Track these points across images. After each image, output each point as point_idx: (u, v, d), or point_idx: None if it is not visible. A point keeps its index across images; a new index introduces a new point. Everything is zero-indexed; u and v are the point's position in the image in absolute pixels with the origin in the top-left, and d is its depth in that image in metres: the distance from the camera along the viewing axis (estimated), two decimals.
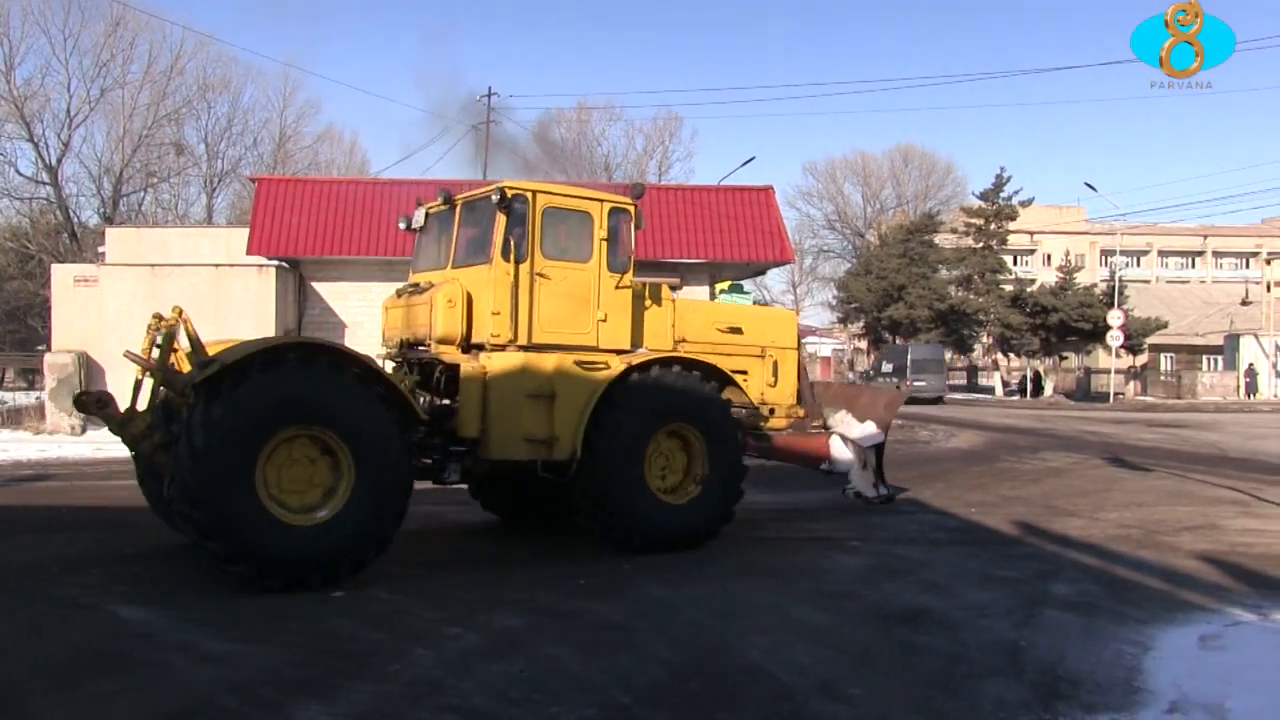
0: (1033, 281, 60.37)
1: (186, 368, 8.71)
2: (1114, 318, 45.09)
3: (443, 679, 6.06)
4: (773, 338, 11.82)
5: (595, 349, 10.06)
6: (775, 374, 11.66)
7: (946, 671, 6.34)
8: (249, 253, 23.70)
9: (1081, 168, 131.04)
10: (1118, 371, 49.42)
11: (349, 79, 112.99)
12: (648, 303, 10.89)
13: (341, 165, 64.03)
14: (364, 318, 24.36)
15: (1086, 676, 6.18)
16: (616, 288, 10.34)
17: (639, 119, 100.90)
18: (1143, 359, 56.00)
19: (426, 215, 11.31)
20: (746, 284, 73.30)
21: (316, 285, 24.48)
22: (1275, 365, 50.03)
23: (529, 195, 9.91)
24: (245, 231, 24.82)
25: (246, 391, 7.95)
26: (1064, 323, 50.21)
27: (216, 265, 23.48)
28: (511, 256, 9.60)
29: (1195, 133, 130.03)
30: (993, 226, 55.40)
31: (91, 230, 46.29)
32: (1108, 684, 6.05)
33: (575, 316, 10.06)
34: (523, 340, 9.67)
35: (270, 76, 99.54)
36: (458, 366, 9.56)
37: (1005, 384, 54.46)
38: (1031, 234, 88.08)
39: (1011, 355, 58.91)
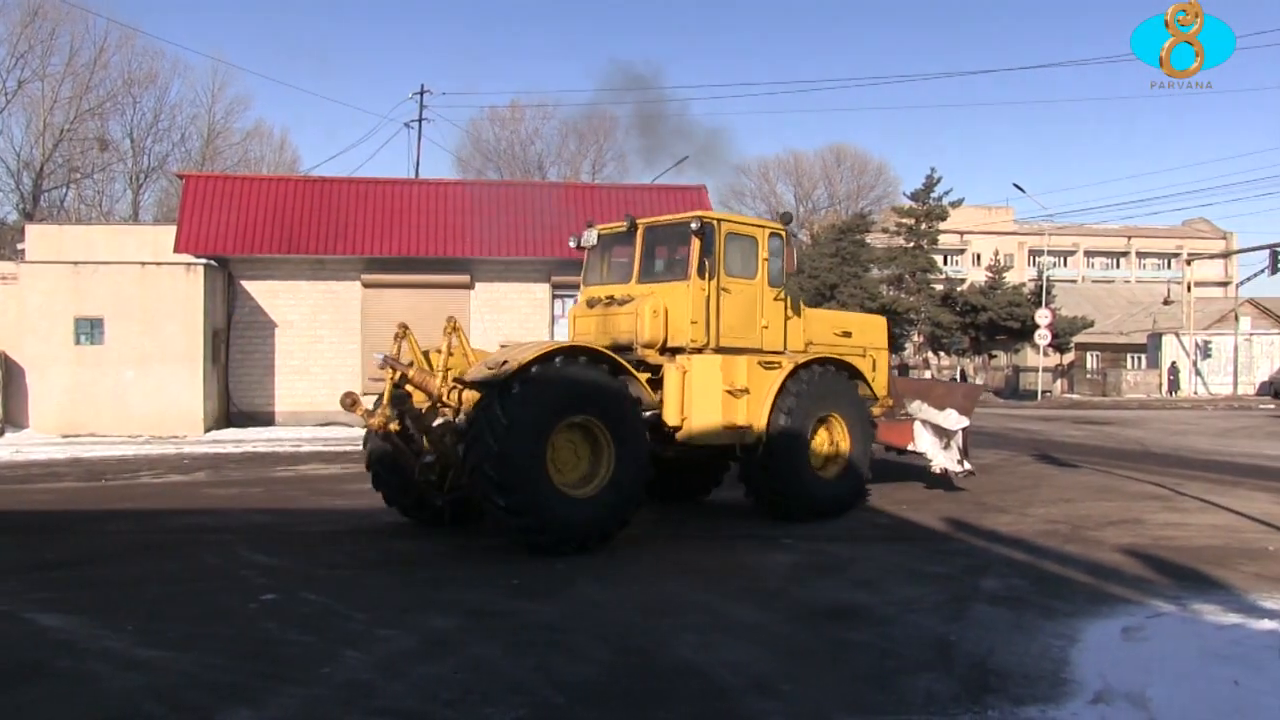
0: (963, 281, 61.07)
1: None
2: (1042, 316, 45.83)
3: (374, 681, 6.00)
4: (871, 339, 14.12)
5: (760, 351, 11.99)
6: (874, 369, 13.70)
7: (877, 666, 6.40)
8: (177, 251, 23.30)
9: (1011, 169, 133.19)
10: (1045, 369, 50.25)
11: (280, 75, 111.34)
12: (789, 312, 12.71)
13: (271, 162, 63.17)
14: (295, 316, 24.10)
15: (1015, 669, 6.27)
16: (774, 300, 12.39)
17: (573, 118, 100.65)
18: (1069, 357, 57.01)
19: (599, 236, 12.77)
20: None
21: (246, 284, 24.14)
22: (1195, 364, 51.23)
23: (715, 223, 11.78)
24: (173, 229, 24.41)
25: (536, 389, 9.64)
26: (993, 321, 50.95)
27: (143, 264, 23.02)
28: (706, 275, 11.48)
29: (1120, 136, 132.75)
30: (923, 226, 55.98)
31: (10, 227, 45.21)
32: (1035, 676, 6.14)
33: (747, 324, 12.02)
34: (713, 345, 11.55)
35: (198, 71, 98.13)
36: (660, 366, 11.38)
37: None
38: (961, 234, 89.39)
39: (942, 354, 59.64)
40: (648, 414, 10.87)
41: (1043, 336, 45.89)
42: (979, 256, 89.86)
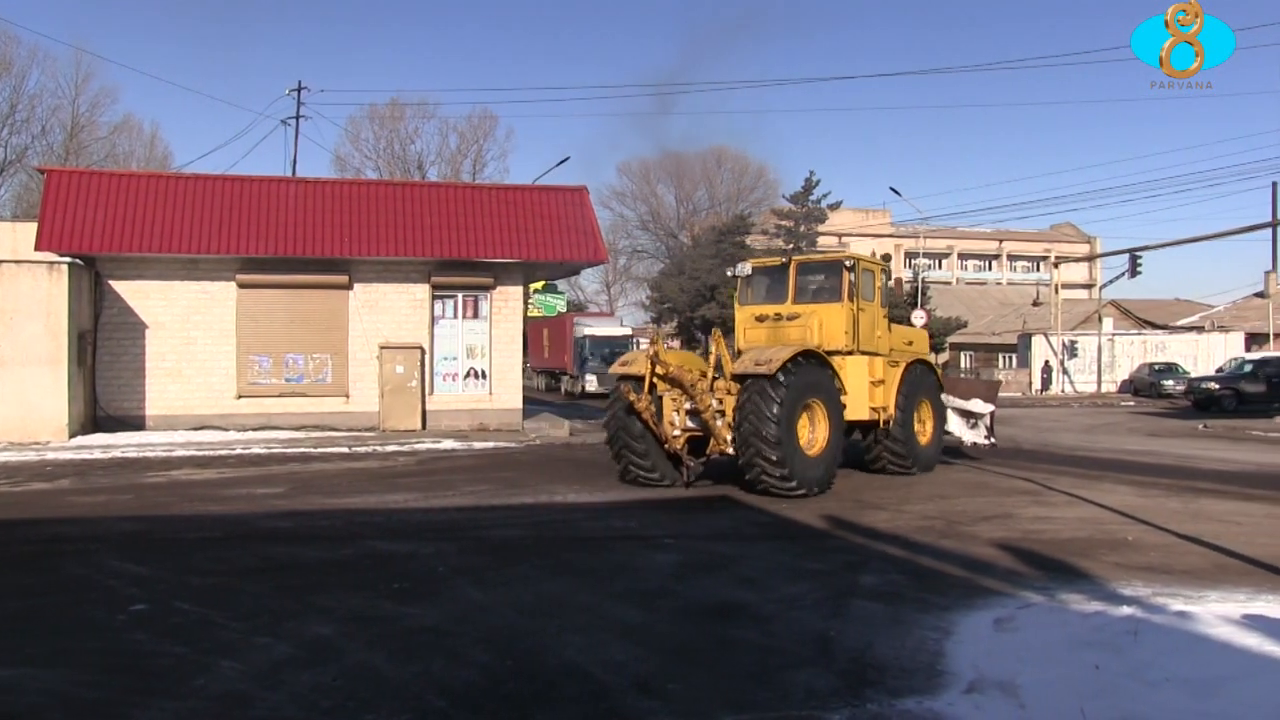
0: None
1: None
2: (917, 317, 46.82)
3: (250, 691, 5.85)
4: (921, 348, 18.71)
5: (876, 354, 16.37)
6: None
7: (760, 663, 6.47)
8: (38, 248, 22.29)
9: (888, 172, 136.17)
10: None
11: (150, 68, 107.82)
12: (887, 326, 17.14)
13: (141, 158, 61.12)
14: (167, 317, 23.34)
15: (892, 662, 6.41)
16: (882, 317, 16.97)
17: (453, 117, 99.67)
18: (944, 357, 58.44)
19: (753, 268, 17.04)
20: (560, 284, 73.16)
21: (115, 284, 23.25)
22: (1062, 363, 53.04)
23: (856, 262, 16.25)
24: (33, 226, 23.39)
25: (792, 380, 13.98)
26: None
27: (1, 261, 22.04)
28: (854, 299, 15.92)
29: (993, 141, 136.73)
30: (802, 228, 56.94)
31: None
32: (912, 669, 6.28)
33: (871, 334, 16.44)
34: (858, 349, 16.02)
35: (60, 61, 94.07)
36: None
37: None
38: (840, 236, 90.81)
39: None
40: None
41: None
42: None
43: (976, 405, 19.18)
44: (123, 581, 8.73)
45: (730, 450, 14.37)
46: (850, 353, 15.71)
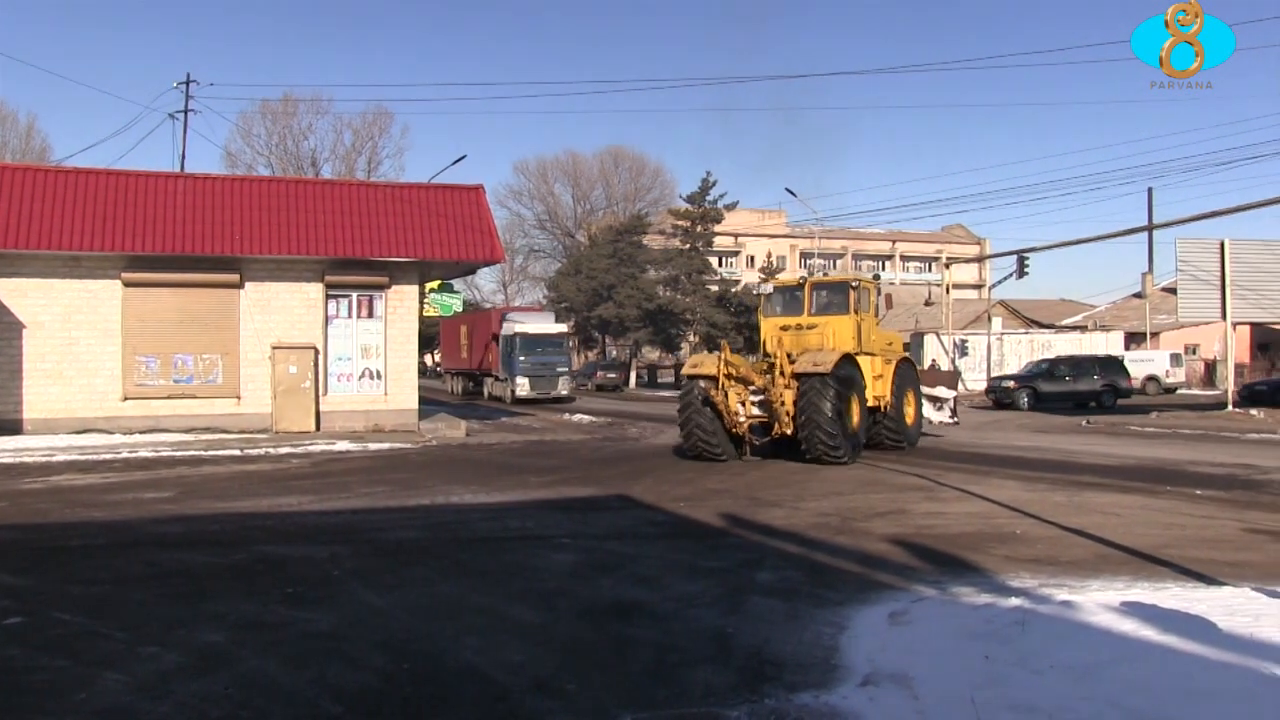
0: (737, 282, 62.77)
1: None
2: None
3: (136, 704, 5.65)
4: (898, 347, 22.51)
5: (874, 354, 20.38)
6: None
7: (658, 661, 6.48)
8: None
9: (784, 173, 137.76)
10: None
11: (25, 55, 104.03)
12: (878, 331, 21.24)
13: (17, 150, 59.01)
14: (47, 317, 22.60)
15: (789, 658, 6.47)
16: (876, 324, 21.20)
17: (348, 113, 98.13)
18: None
19: (774, 287, 22.03)
20: (457, 284, 72.57)
21: None
22: (954, 361, 54.23)
23: (859, 282, 20.82)
24: None
25: (839, 377, 18.01)
26: None
27: None
28: (857, 312, 20.09)
29: (887, 143, 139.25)
30: (699, 229, 57.28)
31: None
32: (808, 663, 6.35)
33: (869, 339, 20.44)
34: (862, 350, 19.92)
35: None
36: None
37: None
38: (736, 236, 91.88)
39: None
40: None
41: None
42: (753, 259, 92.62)
43: (942, 391, 23.73)
44: None
45: (789, 431, 18.48)
46: (858, 354, 19.64)
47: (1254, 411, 29.27)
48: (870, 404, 19.83)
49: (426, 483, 15.64)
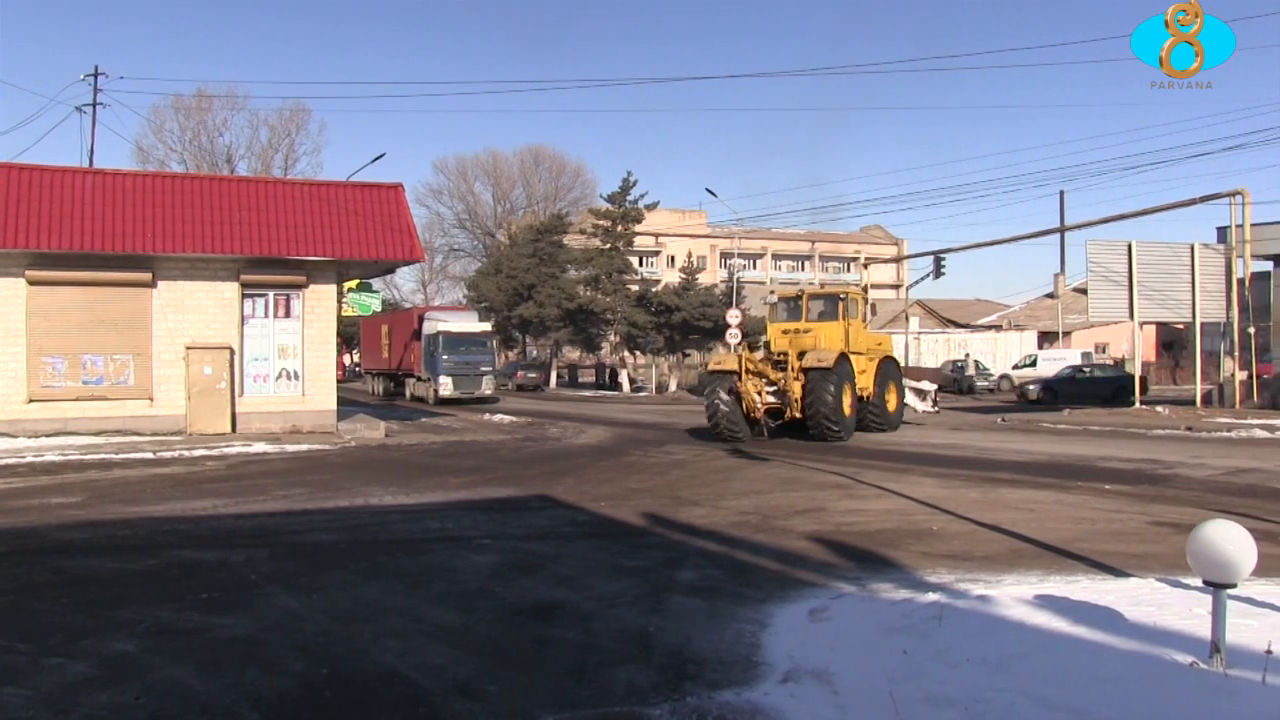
0: (658, 282, 62.85)
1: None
2: (732, 316, 47.82)
3: (38, 718, 5.49)
4: (886, 347, 27.48)
5: (860, 353, 24.72)
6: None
7: (580, 661, 6.48)
8: None
9: (704, 174, 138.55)
10: None
11: None
12: (864, 332, 25.90)
13: None
14: None
15: (711, 656, 6.50)
16: (863, 326, 25.87)
17: (264, 109, 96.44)
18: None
19: (779, 298, 26.55)
20: (375, 283, 71.68)
21: None
22: None
23: (847, 294, 25.70)
24: None
25: (841, 369, 22.90)
26: (687, 321, 52.81)
27: None
28: (845, 318, 24.98)
29: (806, 143, 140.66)
30: (620, 229, 57.24)
31: None
32: (730, 661, 6.39)
33: (856, 340, 24.92)
34: (849, 350, 24.16)
35: None
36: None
37: (632, 381, 56.39)
38: (657, 236, 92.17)
39: (638, 353, 61.21)
40: None
41: (733, 335, 47.89)
42: (673, 259, 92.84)
43: (925, 385, 29.44)
44: None
45: (798, 415, 22.92)
46: (848, 353, 23.96)
47: (1160, 409, 30.06)
48: (858, 394, 24.18)
49: (345, 484, 15.45)
